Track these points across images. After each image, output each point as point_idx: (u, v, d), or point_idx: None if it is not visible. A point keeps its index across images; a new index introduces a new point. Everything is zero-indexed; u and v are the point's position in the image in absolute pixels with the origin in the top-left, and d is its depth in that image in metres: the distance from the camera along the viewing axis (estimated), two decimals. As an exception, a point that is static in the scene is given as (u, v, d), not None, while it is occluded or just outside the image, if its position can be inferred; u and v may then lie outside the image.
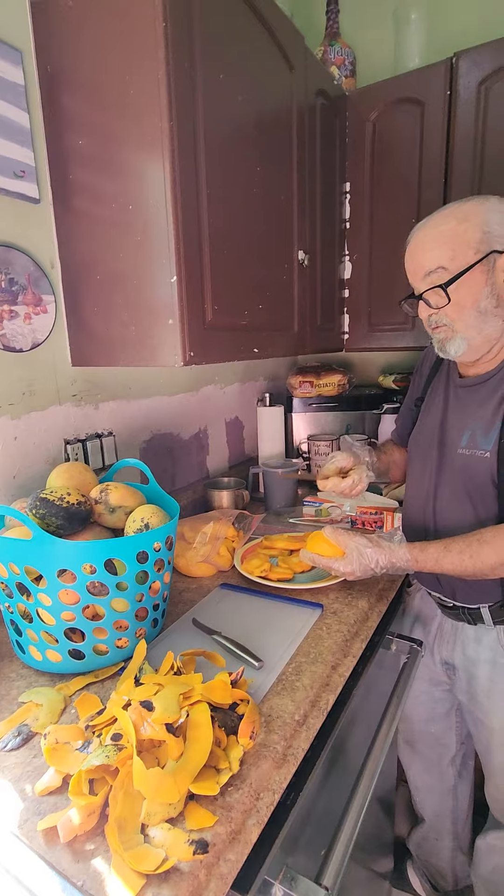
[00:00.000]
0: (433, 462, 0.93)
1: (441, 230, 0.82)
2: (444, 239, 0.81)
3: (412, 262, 0.86)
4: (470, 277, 0.80)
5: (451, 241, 0.81)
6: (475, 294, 0.81)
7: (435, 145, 1.30)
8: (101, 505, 0.80)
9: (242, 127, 0.94)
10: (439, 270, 0.81)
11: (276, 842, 0.54)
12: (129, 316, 0.89)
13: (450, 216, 0.82)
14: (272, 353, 1.13)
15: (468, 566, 0.79)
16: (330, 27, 1.50)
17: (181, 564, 1.05)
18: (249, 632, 0.83)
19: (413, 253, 0.86)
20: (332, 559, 0.87)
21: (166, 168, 0.78)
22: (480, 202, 0.81)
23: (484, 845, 1.04)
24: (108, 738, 0.56)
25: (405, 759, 1.22)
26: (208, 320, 0.89)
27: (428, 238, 0.83)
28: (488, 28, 1.42)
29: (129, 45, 0.77)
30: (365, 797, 0.66)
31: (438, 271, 0.82)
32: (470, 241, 0.80)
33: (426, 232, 0.84)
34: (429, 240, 0.83)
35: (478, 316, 0.82)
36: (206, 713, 0.59)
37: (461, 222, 0.81)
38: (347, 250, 1.49)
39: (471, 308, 0.82)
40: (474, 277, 0.80)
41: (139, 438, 1.22)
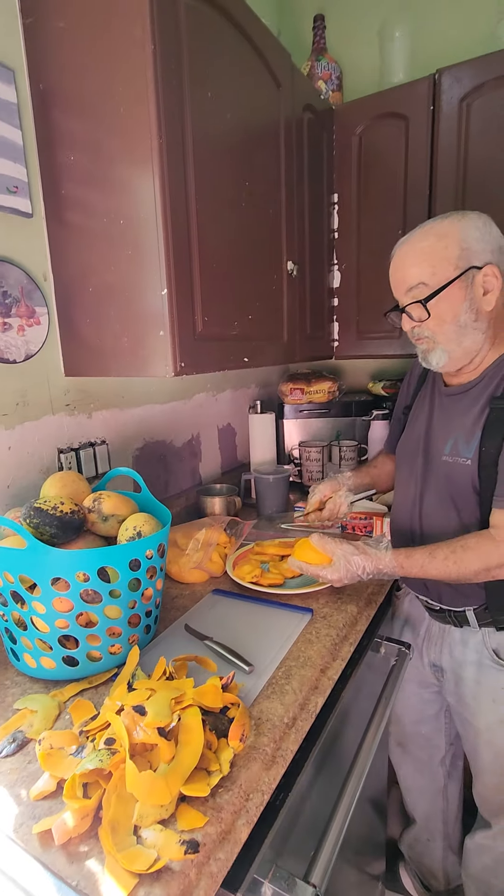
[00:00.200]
0: (419, 468, 0.96)
1: (421, 247, 0.85)
2: (424, 256, 0.84)
3: (395, 277, 0.90)
4: (449, 293, 0.83)
5: (430, 257, 0.84)
6: (455, 308, 0.84)
7: (420, 158, 1.33)
8: (95, 514, 0.81)
9: (231, 142, 0.96)
10: (420, 286, 0.84)
11: (265, 841, 0.55)
12: (120, 327, 0.91)
13: (429, 233, 0.85)
14: (263, 363, 1.15)
15: (452, 572, 0.81)
16: (317, 43, 1.54)
17: (174, 571, 1.07)
18: (241, 637, 0.85)
19: (395, 268, 0.89)
20: (319, 566, 0.89)
21: (156, 184, 0.81)
22: (458, 219, 0.84)
23: (473, 845, 1.06)
24: (102, 743, 0.58)
25: (396, 761, 1.24)
26: (199, 331, 0.91)
27: (409, 255, 0.86)
28: (469, 46, 1.46)
29: (119, 65, 0.79)
30: (353, 796, 0.68)
31: (419, 287, 0.84)
32: (449, 257, 0.83)
33: (407, 248, 0.87)
34: (410, 256, 0.86)
35: (457, 329, 0.85)
36: (198, 717, 0.60)
37: (440, 239, 0.84)
38: (336, 260, 1.52)
39: (451, 322, 0.84)
40: (453, 293, 0.83)
41: (132, 446, 1.24)
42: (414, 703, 1.14)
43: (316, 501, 1.13)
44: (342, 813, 0.65)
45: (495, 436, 0.82)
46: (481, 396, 0.87)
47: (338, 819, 0.64)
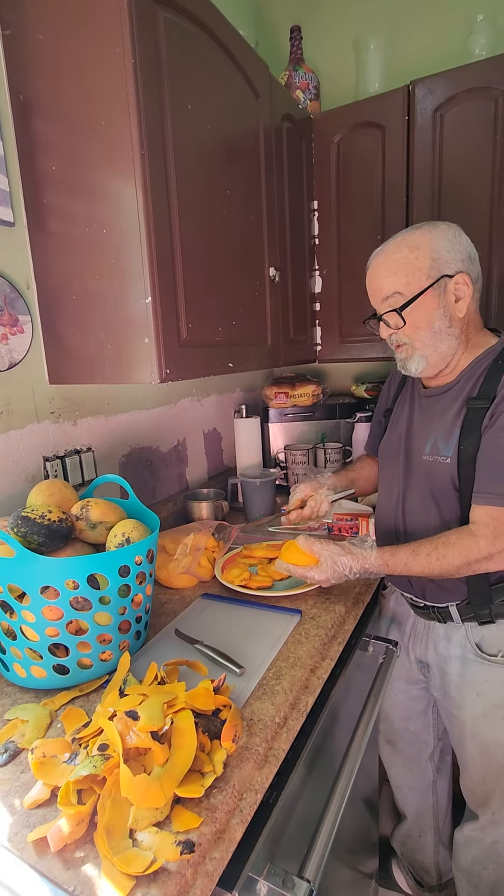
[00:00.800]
0: (401, 468, 0.98)
1: (395, 258, 0.89)
2: (398, 266, 0.88)
3: (371, 287, 0.94)
4: (423, 301, 0.87)
5: (404, 268, 0.87)
6: (429, 316, 0.87)
7: (396, 167, 1.36)
8: (83, 521, 0.82)
9: (212, 152, 0.98)
10: (395, 295, 0.88)
11: (259, 839, 0.56)
12: (105, 335, 0.91)
13: (402, 244, 0.89)
14: (247, 367, 1.16)
15: (435, 568, 0.83)
16: (294, 53, 1.57)
17: (163, 576, 1.07)
18: (231, 640, 0.86)
19: (371, 279, 0.93)
20: (306, 568, 0.91)
21: (139, 194, 0.81)
22: (430, 230, 0.88)
23: (462, 838, 1.08)
24: (95, 749, 0.58)
25: (386, 759, 1.26)
26: (183, 338, 0.92)
27: (383, 266, 0.90)
28: (442, 58, 1.51)
29: (99, 78, 0.80)
30: (344, 793, 0.69)
31: (395, 296, 0.88)
32: (422, 267, 0.87)
33: (381, 260, 0.91)
34: (384, 267, 0.90)
35: (433, 335, 0.88)
36: (190, 720, 0.61)
37: (412, 250, 0.87)
38: (317, 265, 1.54)
39: (426, 329, 0.88)
40: (427, 301, 0.87)
41: (118, 453, 1.24)
42: (402, 700, 1.16)
43: (297, 500, 1.15)
44: (334, 809, 0.66)
45: (472, 434, 0.85)
46: (458, 397, 0.90)
47: (329, 815, 0.65)
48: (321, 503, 1.13)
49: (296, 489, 1.17)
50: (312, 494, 1.14)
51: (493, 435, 0.83)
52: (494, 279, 1.31)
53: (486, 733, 0.97)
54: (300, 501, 1.15)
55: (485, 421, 0.84)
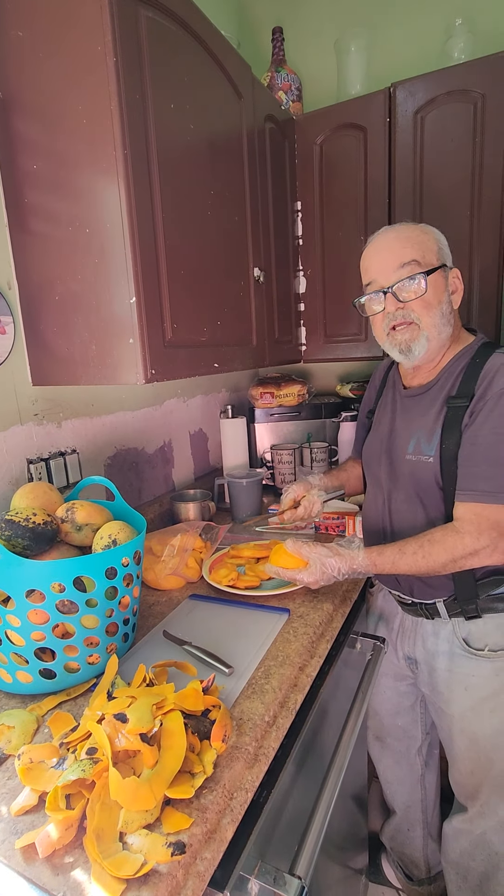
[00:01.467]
0: (385, 468, 0.99)
1: (409, 234, 0.90)
2: (414, 240, 0.89)
3: (381, 256, 0.91)
4: (436, 277, 0.89)
5: (419, 243, 0.89)
6: (440, 294, 0.89)
7: (378, 168, 1.38)
8: (68, 524, 0.81)
9: (195, 152, 0.98)
10: (413, 263, 0.88)
11: (250, 838, 0.56)
12: (89, 335, 0.91)
13: (411, 226, 0.92)
14: (232, 368, 1.16)
15: (422, 565, 0.84)
16: (276, 54, 1.57)
17: (150, 578, 1.07)
18: (219, 640, 0.86)
19: (381, 249, 0.92)
20: (295, 570, 0.91)
21: (122, 193, 0.81)
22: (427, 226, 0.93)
23: (451, 830, 1.09)
24: (84, 753, 0.57)
25: (375, 755, 1.27)
26: (168, 338, 0.92)
27: (398, 238, 0.91)
28: (422, 61, 1.53)
29: (80, 77, 0.79)
30: (334, 790, 0.70)
31: (413, 264, 0.88)
32: (433, 248, 0.89)
33: (394, 233, 0.92)
34: (399, 239, 0.90)
35: (441, 317, 0.90)
36: (179, 721, 0.61)
37: (423, 232, 0.91)
38: (301, 266, 1.55)
39: (436, 307, 0.89)
40: (438, 280, 0.89)
41: (104, 454, 1.23)
42: (390, 696, 1.17)
43: (290, 500, 1.16)
44: (324, 806, 0.67)
45: (453, 433, 0.87)
46: (438, 396, 0.92)
47: (319, 812, 0.65)
48: (314, 503, 1.14)
49: (288, 490, 1.17)
50: (305, 495, 1.15)
51: (472, 433, 0.85)
52: (475, 279, 1.34)
53: (475, 726, 0.98)
54: (293, 502, 1.16)
55: (465, 419, 0.86)
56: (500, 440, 0.82)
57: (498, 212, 1.28)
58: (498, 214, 1.28)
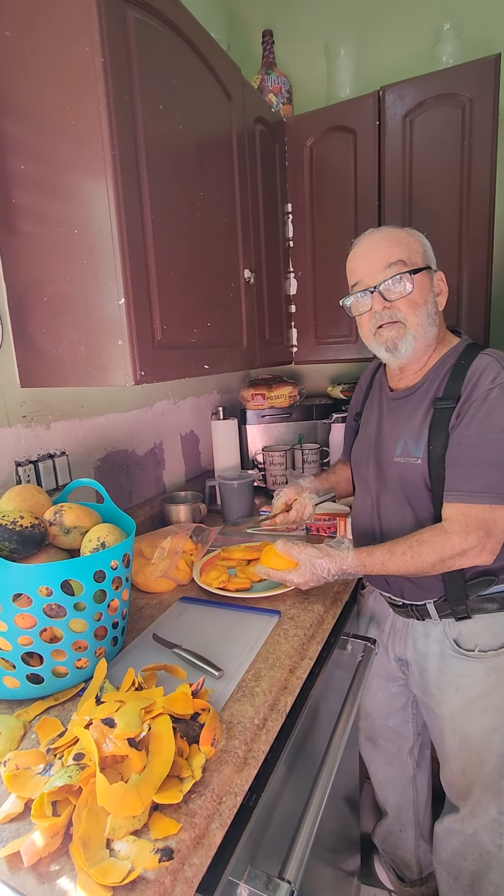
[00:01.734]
0: (373, 471, 1.00)
1: (395, 234, 0.92)
2: (401, 241, 0.91)
3: (369, 257, 0.92)
4: (422, 277, 0.90)
5: (406, 244, 0.90)
6: (425, 294, 0.90)
7: (368, 170, 1.38)
8: (56, 527, 0.80)
9: (184, 153, 0.98)
10: (399, 263, 0.89)
11: (239, 843, 0.56)
12: (78, 337, 0.90)
13: (397, 229, 0.93)
14: (223, 369, 1.16)
15: (411, 566, 0.84)
16: (266, 57, 1.58)
17: (140, 581, 1.06)
18: (210, 643, 0.85)
19: (369, 249, 0.93)
20: (285, 571, 0.91)
21: (110, 194, 0.81)
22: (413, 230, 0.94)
23: (442, 830, 1.09)
24: (71, 759, 0.57)
25: (367, 756, 1.27)
26: (158, 339, 0.92)
27: (385, 239, 0.92)
28: (411, 65, 1.54)
29: (68, 77, 0.79)
30: (324, 792, 0.69)
31: (399, 263, 0.89)
32: (418, 250, 0.91)
33: (382, 234, 0.93)
34: (387, 239, 0.91)
35: (427, 317, 0.91)
36: (168, 725, 0.60)
37: (409, 234, 0.92)
38: (292, 267, 1.55)
39: (422, 307, 0.90)
40: (424, 280, 0.90)
41: (93, 457, 1.22)
42: (381, 697, 1.17)
43: (282, 504, 1.16)
44: (314, 809, 0.67)
45: (440, 434, 0.87)
46: (425, 398, 0.92)
47: (310, 815, 0.65)
48: (306, 506, 1.14)
49: (279, 493, 1.18)
50: (297, 498, 1.15)
51: (459, 434, 0.85)
52: (465, 282, 1.35)
53: (466, 727, 0.98)
54: (285, 505, 1.16)
55: (451, 420, 0.86)
56: (485, 440, 0.82)
57: (487, 215, 1.29)
58: (487, 217, 1.29)
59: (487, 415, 0.83)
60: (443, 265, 1.01)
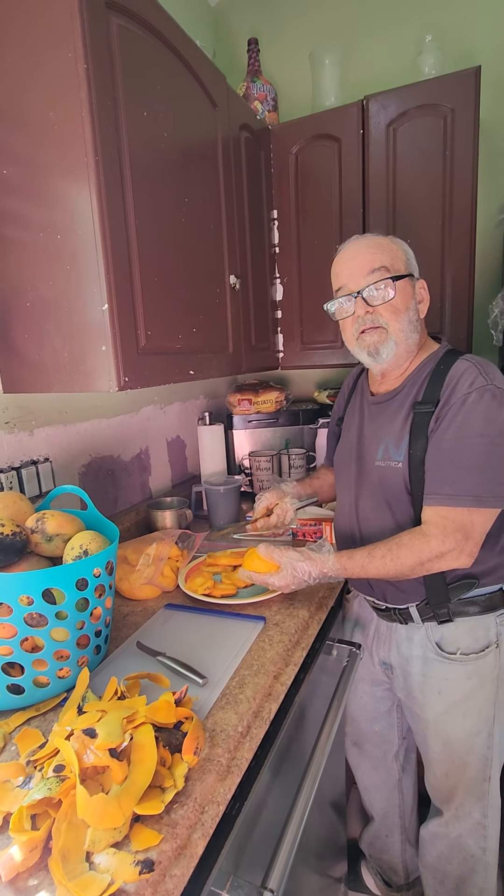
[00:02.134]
0: (354, 475, 1.01)
1: (378, 241, 0.93)
2: (383, 247, 0.92)
3: (353, 262, 0.94)
4: (404, 284, 0.91)
5: (389, 250, 0.92)
6: (407, 300, 0.92)
7: (352, 178, 1.40)
8: (38, 534, 0.79)
9: (169, 160, 0.98)
10: (382, 269, 0.91)
11: (221, 852, 0.56)
12: (61, 342, 0.89)
13: (379, 237, 0.94)
14: (209, 375, 1.16)
15: (391, 568, 0.85)
16: (252, 65, 1.59)
17: (125, 588, 1.05)
18: (194, 650, 0.85)
19: (353, 256, 0.94)
20: (267, 575, 0.92)
21: (93, 200, 0.80)
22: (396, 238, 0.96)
23: (427, 834, 1.09)
24: (51, 771, 0.56)
25: (353, 761, 1.27)
26: (142, 345, 0.91)
27: (369, 245, 0.93)
28: (394, 75, 1.56)
29: (51, 83, 0.79)
30: (308, 799, 0.69)
31: (382, 269, 0.91)
32: (401, 257, 0.93)
33: (365, 241, 0.94)
34: (370, 246, 0.93)
35: (408, 324, 0.92)
36: (150, 734, 0.59)
37: (392, 242, 0.94)
38: (278, 273, 1.56)
39: (404, 314, 0.92)
40: (406, 287, 0.92)
41: (78, 463, 1.21)
42: (367, 701, 1.17)
43: (263, 508, 1.17)
44: (297, 816, 0.66)
45: (420, 438, 0.88)
46: (405, 403, 0.93)
47: (293, 822, 0.65)
48: (287, 511, 1.15)
49: (261, 498, 1.18)
50: (278, 503, 1.16)
51: (438, 437, 0.86)
52: (448, 289, 1.36)
53: (448, 730, 0.99)
54: (266, 510, 1.17)
55: (431, 424, 0.87)
56: (463, 444, 0.83)
57: (468, 223, 1.31)
58: (469, 226, 1.31)
59: (465, 419, 0.84)
60: (426, 272, 1.03)
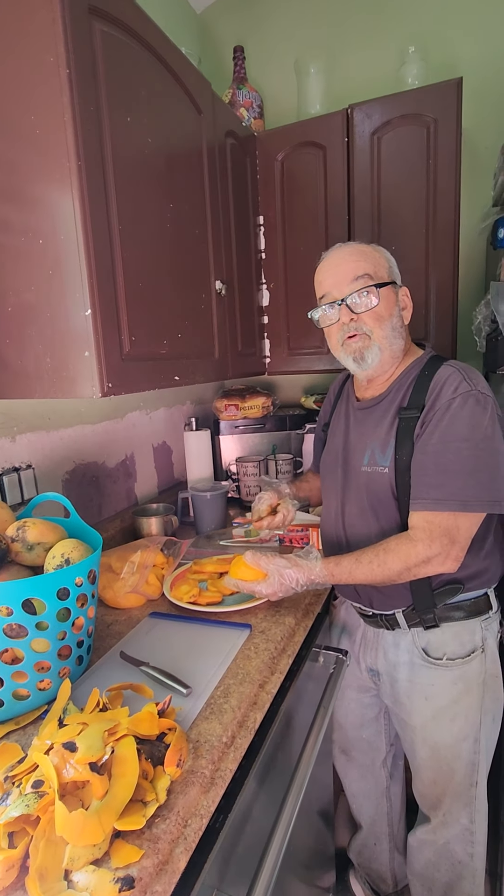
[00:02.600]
0: (340, 480, 1.01)
1: (361, 249, 0.94)
2: (366, 255, 0.93)
3: (336, 270, 0.94)
4: (387, 291, 0.92)
5: (371, 258, 0.93)
6: (390, 308, 0.93)
7: (338, 185, 1.41)
8: (19, 543, 0.78)
9: (153, 165, 0.98)
10: (365, 277, 0.91)
11: (205, 867, 0.55)
12: (43, 348, 0.88)
13: (362, 245, 0.95)
14: (194, 380, 1.15)
15: (378, 574, 0.85)
16: (237, 72, 1.60)
17: (109, 596, 1.04)
18: (179, 659, 0.84)
19: (336, 263, 0.95)
20: (254, 582, 0.91)
21: (76, 205, 0.80)
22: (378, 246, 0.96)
23: (415, 841, 1.09)
24: (29, 786, 0.55)
25: (341, 769, 1.26)
26: (126, 351, 0.91)
27: (352, 253, 0.94)
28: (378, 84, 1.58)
29: (33, 87, 0.78)
30: (294, 809, 0.69)
31: (365, 277, 0.91)
32: (384, 265, 0.93)
33: (348, 249, 0.95)
34: (353, 254, 0.94)
35: (392, 330, 0.93)
36: (132, 747, 0.58)
37: (375, 249, 0.95)
38: (264, 279, 1.56)
39: (387, 321, 0.92)
40: (389, 294, 0.92)
41: (62, 469, 1.20)
42: (354, 708, 1.17)
43: (267, 507, 1.13)
44: (283, 826, 0.66)
45: (406, 443, 0.89)
46: (390, 408, 0.94)
47: (279, 832, 0.64)
48: (290, 511, 1.13)
49: (261, 498, 1.15)
50: (280, 502, 1.14)
51: (423, 443, 0.87)
52: (432, 295, 1.38)
53: (436, 736, 0.99)
54: (270, 508, 1.14)
55: (416, 430, 0.88)
56: (447, 449, 0.84)
57: (452, 231, 1.32)
58: (452, 233, 1.32)
59: (450, 424, 0.84)
60: (411, 279, 1.04)
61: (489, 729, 0.99)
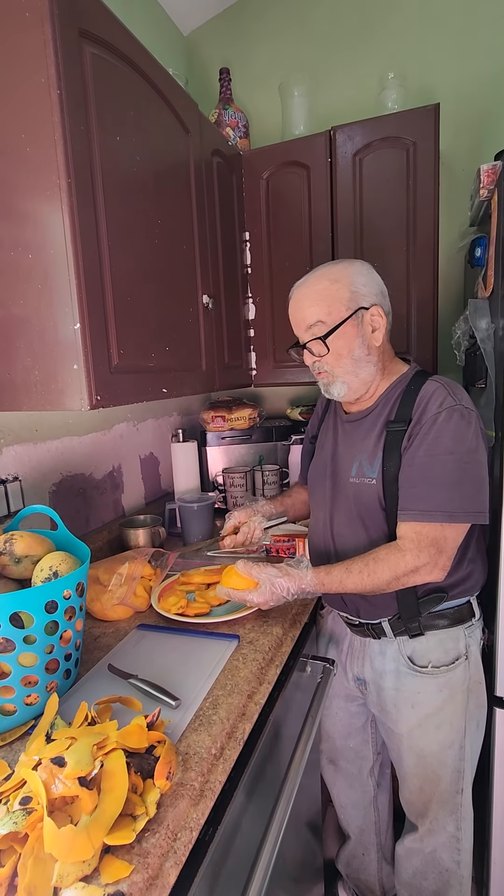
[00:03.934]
0: (328, 491, 1.03)
1: (317, 289, 0.94)
2: (320, 297, 0.94)
3: (295, 317, 0.99)
4: (344, 330, 0.93)
5: (326, 299, 0.93)
6: (349, 344, 0.93)
7: (321, 204, 1.45)
8: (6, 556, 0.77)
9: (141, 183, 0.99)
10: (318, 324, 0.93)
11: (194, 881, 0.54)
12: (31, 361, 0.89)
13: (322, 277, 0.95)
14: (182, 393, 1.16)
15: (367, 583, 0.87)
16: (223, 93, 1.63)
17: (96, 609, 1.03)
18: (167, 671, 0.84)
19: (295, 309, 0.98)
20: (245, 591, 0.91)
21: (65, 220, 0.81)
22: (347, 265, 0.96)
23: (403, 850, 1.09)
24: (17, 803, 0.54)
25: (329, 779, 1.26)
26: (114, 364, 0.92)
27: (306, 296, 0.95)
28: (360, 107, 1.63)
29: (24, 106, 0.79)
30: (283, 820, 0.69)
31: (318, 325, 0.93)
32: (341, 299, 0.93)
33: (304, 291, 0.96)
34: (307, 297, 0.95)
35: (353, 363, 0.95)
36: (121, 760, 0.58)
37: (333, 283, 0.94)
38: (251, 293, 1.59)
39: (346, 357, 0.94)
40: (347, 330, 0.93)
41: (48, 481, 1.19)
42: (342, 717, 1.18)
43: (230, 526, 1.18)
44: (272, 838, 0.66)
45: (393, 455, 0.91)
46: (378, 421, 0.96)
47: (268, 844, 0.64)
48: (254, 529, 1.16)
49: (230, 515, 1.19)
50: (246, 521, 1.17)
51: (410, 455, 0.89)
52: (413, 309, 1.42)
53: (422, 743, 1.00)
54: (233, 528, 1.18)
55: (404, 442, 0.90)
56: (435, 462, 0.86)
57: (431, 248, 1.37)
58: (431, 251, 1.37)
59: (436, 437, 0.87)
60: (392, 293, 1.06)
61: (474, 735, 1.00)
